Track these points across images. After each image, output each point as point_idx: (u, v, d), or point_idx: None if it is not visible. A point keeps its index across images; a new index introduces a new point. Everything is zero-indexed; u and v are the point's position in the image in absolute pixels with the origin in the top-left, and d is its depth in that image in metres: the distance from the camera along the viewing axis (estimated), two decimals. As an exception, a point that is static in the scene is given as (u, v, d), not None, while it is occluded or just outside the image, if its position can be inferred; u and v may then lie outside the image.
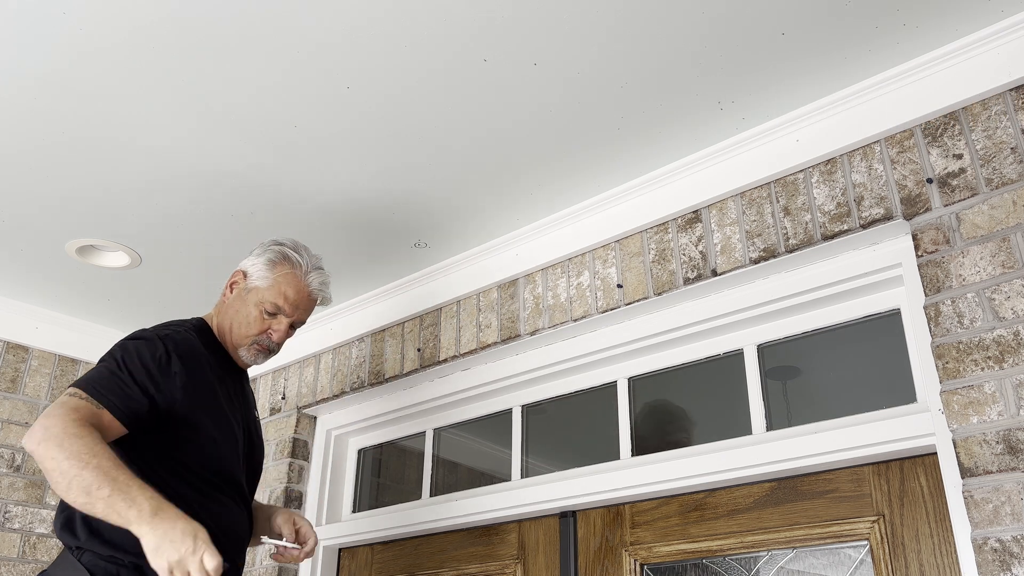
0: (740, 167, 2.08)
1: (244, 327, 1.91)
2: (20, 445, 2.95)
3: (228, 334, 1.93)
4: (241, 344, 1.93)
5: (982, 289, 1.65)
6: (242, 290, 1.93)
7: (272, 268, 1.93)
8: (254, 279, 1.93)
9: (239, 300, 1.93)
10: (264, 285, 1.92)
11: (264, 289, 1.92)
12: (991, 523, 1.51)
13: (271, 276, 1.93)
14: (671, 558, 2.11)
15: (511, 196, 2.32)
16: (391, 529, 2.69)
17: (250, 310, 1.91)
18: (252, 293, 1.92)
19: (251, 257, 1.97)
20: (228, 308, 1.93)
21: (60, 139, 2.10)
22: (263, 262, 1.94)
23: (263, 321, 1.92)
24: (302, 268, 1.96)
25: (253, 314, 1.91)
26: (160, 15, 1.70)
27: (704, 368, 2.24)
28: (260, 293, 1.92)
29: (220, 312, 1.95)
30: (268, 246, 1.98)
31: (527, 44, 1.77)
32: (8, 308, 2.99)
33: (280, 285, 1.92)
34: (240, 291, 1.93)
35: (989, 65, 1.74)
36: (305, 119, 2.01)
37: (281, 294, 1.92)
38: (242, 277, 1.94)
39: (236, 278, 1.95)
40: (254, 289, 1.92)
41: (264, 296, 1.91)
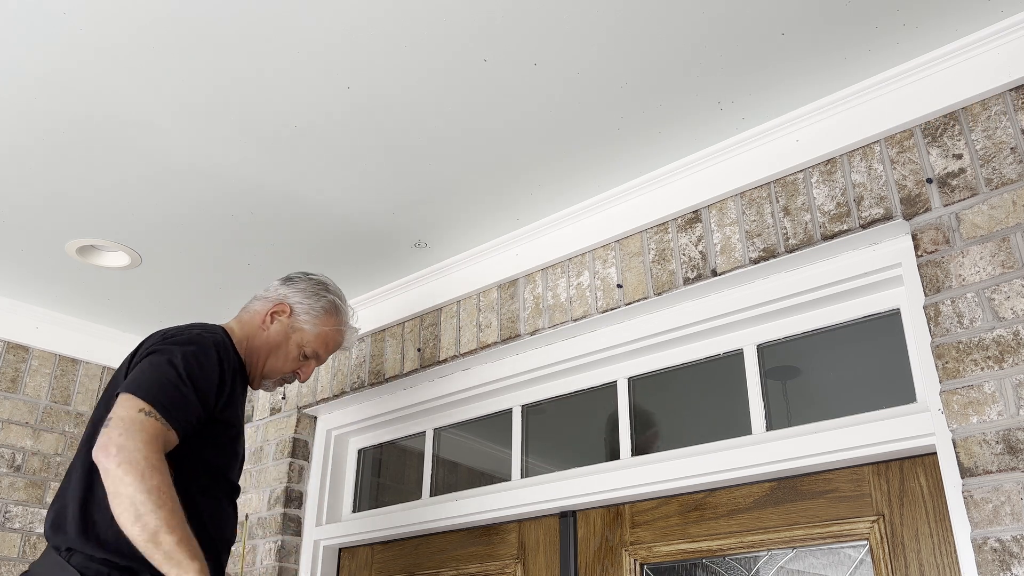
0: (740, 167, 2.08)
1: (280, 363, 1.95)
2: (21, 445, 2.95)
3: (259, 361, 1.94)
4: (270, 376, 1.96)
5: (982, 289, 1.65)
6: (287, 326, 1.95)
7: (324, 318, 1.98)
8: (302, 320, 1.96)
9: (281, 335, 1.94)
10: (311, 331, 1.96)
11: (310, 334, 1.96)
12: (991, 523, 1.51)
13: (321, 326, 1.98)
14: (671, 558, 2.11)
15: (511, 196, 2.32)
16: (391, 529, 2.69)
17: (291, 349, 1.95)
18: (297, 334, 1.95)
19: (296, 292, 1.98)
20: (267, 338, 1.94)
21: (60, 139, 2.10)
22: (316, 308, 1.97)
23: (298, 362, 1.98)
24: (347, 324, 2.04)
25: (293, 354, 1.95)
26: (160, 15, 1.70)
27: (704, 368, 2.24)
28: (305, 336, 1.96)
29: (253, 336, 1.94)
30: (318, 290, 2.00)
31: (527, 44, 1.77)
32: (8, 308, 2.99)
33: (328, 337, 1.99)
34: (284, 326, 1.94)
35: (989, 65, 1.74)
36: (305, 119, 2.01)
37: (325, 345, 1.99)
38: (287, 312, 1.95)
39: (280, 309, 1.96)
40: (300, 331, 1.95)
41: (309, 341, 1.96)
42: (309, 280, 2.02)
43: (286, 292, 1.98)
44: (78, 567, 1.58)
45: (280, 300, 1.97)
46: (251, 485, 3.07)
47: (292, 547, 2.88)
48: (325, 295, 2.00)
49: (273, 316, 1.95)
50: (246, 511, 3.03)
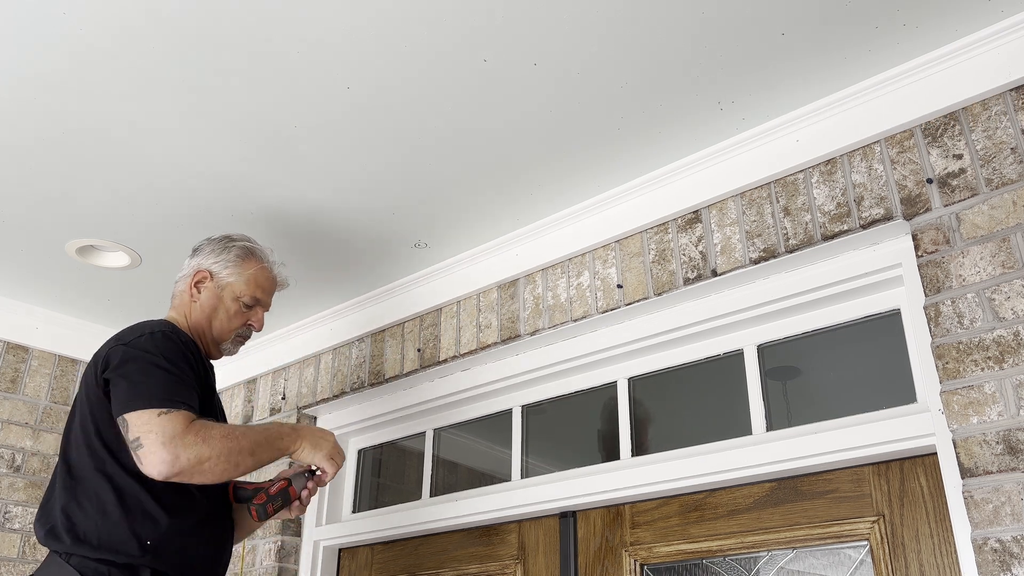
0: (740, 167, 2.08)
1: (225, 322, 1.99)
2: (21, 446, 2.95)
3: (207, 331, 1.98)
4: (223, 339, 2.01)
5: (982, 289, 1.65)
6: (213, 288, 1.99)
7: (242, 264, 2.02)
8: (224, 276, 2.00)
9: (213, 298, 1.98)
10: (238, 280, 2.00)
11: (239, 283, 2.00)
12: (991, 523, 1.51)
13: (243, 271, 2.01)
14: (671, 558, 2.11)
15: (511, 196, 2.32)
16: (391, 529, 2.69)
17: (228, 305, 1.99)
18: (226, 289, 1.99)
19: (208, 256, 2.02)
20: (202, 307, 1.98)
21: (60, 139, 2.10)
22: (231, 259, 2.01)
23: (243, 314, 2.01)
24: (268, 260, 2.08)
25: (233, 308, 1.99)
26: (160, 15, 1.70)
27: (704, 368, 2.24)
28: (235, 288, 2.00)
29: (189, 313, 1.98)
30: (224, 244, 2.04)
31: (527, 44, 1.77)
32: (8, 308, 2.99)
33: (256, 278, 2.03)
34: (210, 290, 1.99)
35: (989, 65, 1.74)
36: (305, 119, 2.01)
37: (259, 287, 2.03)
38: (208, 276, 1.99)
39: (200, 277, 1.99)
40: (228, 285, 1.99)
41: (241, 290, 2.00)
42: (212, 241, 2.06)
43: (198, 261, 2.02)
44: (78, 567, 1.61)
45: (196, 269, 2.01)
46: (251, 485, 3.07)
47: (292, 547, 2.88)
48: (232, 244, 2.04)
49: (197, 287, 1.99)
50: (246, 511, 3.03)
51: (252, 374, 3.27)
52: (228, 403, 3.36)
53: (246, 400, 3.28)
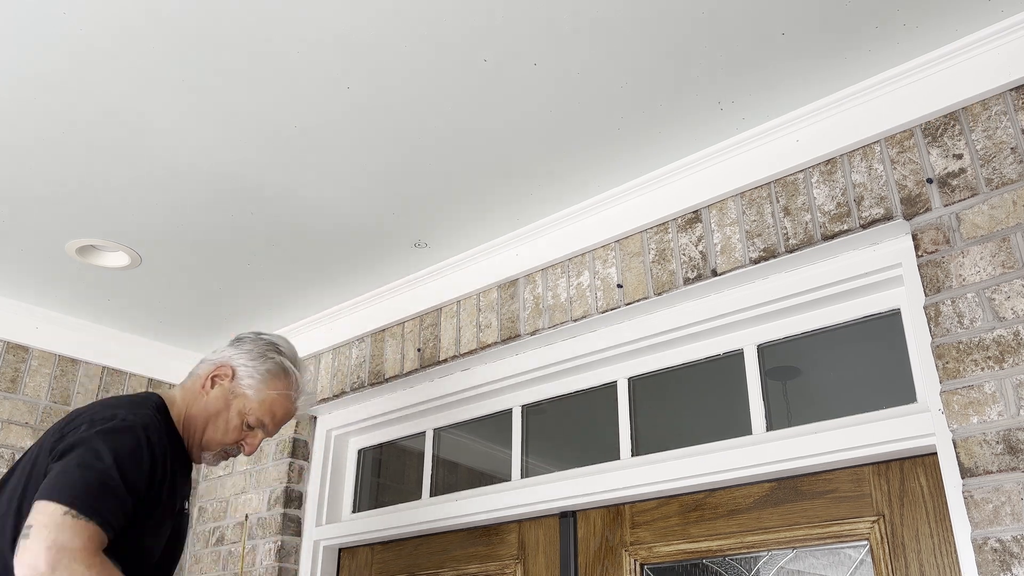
0: (740, 167, 2.08)
1: (220, 433, 1.77)
2: (21, 445, 2.95)
3: (197, 432, 1.76)
4: (210, 448, 1.78)
5: (982, 289, 1.65)
6: (227, 391, 1.77)
7: (268, 382, 1.79)
8: (244, 385, 1.77)
9: (221, 401, 1.76)
10: (255, 397, 1.77)
11: (253, 401, 1.77)
12: (991, 523, 1.51)
13: (265, 391, 1.78)
14: (671, 558, 2.11)
15: (511, 196, 2.32)
16: (391, 529, 2.69)
17: (231, 417, 1.76)
18: (238, 400, 1.77)
19: (241, 353, 1.81)
20: (206, 405, 1.76)
21: (60, 139, 2.10)
22: (261, 370, 1.79)
23: (240, 432, 1.78)
24: (297, 389, 1.84)
25: (234, 423, 1.77)
26: (160, 15, 1.70)
27: (704, 368, 2.24)
28: (246, 403, 1.77)
29: (192, 403, 1.76)
30: (265, 351, 1.82)
31: (527, 44, 1.77)
32: (8, 308, 2.99)
33: (273, 403, 1.79)
34: (224, 391, 1.77)
35: (989, 65, 1.74)
36: (305, 119, 2.01)
37: (270, 413, 1.79)
38: (229, 375, 1.77)
39: (221, 372, 1.78)
40: (241, 396, 1.77)
41: (251, 408, 1.77)
42: (259, 340, 1.84)
43: (231, 353, 1.80)
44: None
45: (223, 362, 1.79)
46: (251, 485, 3.07)
47: (292, 547, 2.88)
48: (273, 356, 1.81)
49: (214, 380, 1.77)
50: (246, 511, 3.03)
51: (252, 374, 3.27)
52: (228, 403, 3.36)
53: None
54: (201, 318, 3.08)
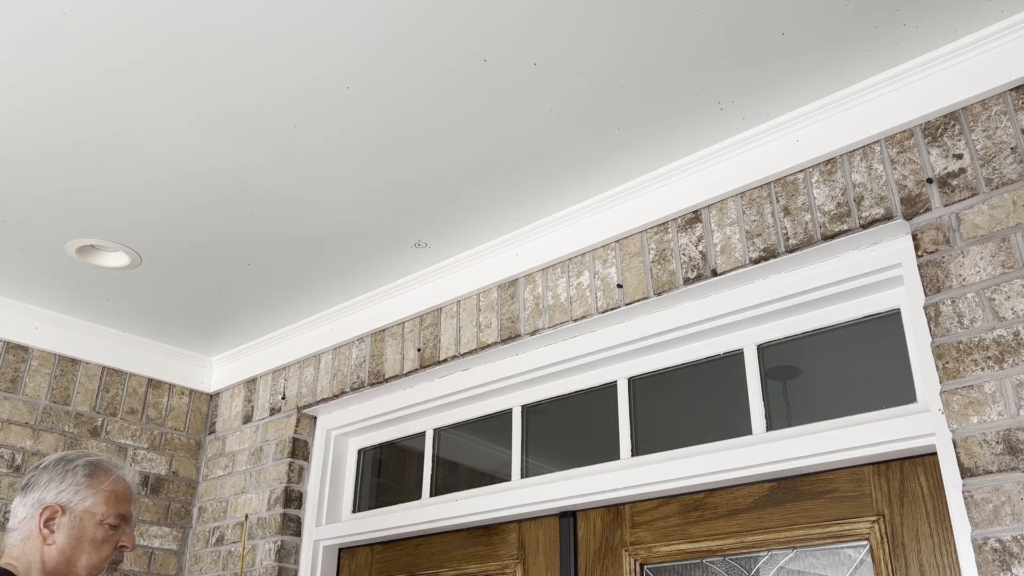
0: (740, 167, 2.08)
1: (95, 554, 1.73)
2: (21, 446, 2.95)
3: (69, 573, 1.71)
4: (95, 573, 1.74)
5: (982, 289, 1.65)
6: (69, 521, 1.72)
7: (93, 482, 1.77)
8: (78, 502, 1.74)
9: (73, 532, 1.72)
10: (96, 501, 1.75)
11: (99, 505, 1.75)
12: (991, 523, 1.51)
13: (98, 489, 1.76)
14: (671, 558, 2.11)
15: (511, 196, 2.32)
16: (391, 529, 2.69)
17: (94, 534, 1.73)
18: (85, 517, 1.73)
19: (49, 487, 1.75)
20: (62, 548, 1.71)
21: (60, 139, 2.10)
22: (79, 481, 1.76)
23: (111, 538, 1.76)
24: (116, 467, 1.83)
25: (99, 535, 1.74)
26: (160, 15, 1.70)
27: (704, 368, 2.24)
28: (96, 511, 1.74)
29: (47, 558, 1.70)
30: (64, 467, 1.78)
31: (527, 44, 1.77)
32: (8, 308, 2.99)
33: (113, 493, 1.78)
34: (67, 524, 1.72)
35: (989, 65, 1.74)
36: (305, 119, 2.01)
37: (118, 500, 1.78)
38: (59, 511, 1.72)
39: (50, 515, 1.71)
40: (86, 512, 1.74)
41: (104, 512, 1.75)
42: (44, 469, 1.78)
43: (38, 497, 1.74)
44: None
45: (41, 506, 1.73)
46: (251, 485, 3.07)
47: (292, 547, 2.88)
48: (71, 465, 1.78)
49: (48, 525, 1.71)
50: (246, 511, 3.03)
51: (252, 374, 3.27)
52: (228, 403, 3.36)
53: (246, 400, 3.28)
54: (201, 318, 3.08)
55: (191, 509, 3.29)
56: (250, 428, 3.19)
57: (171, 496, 3.25)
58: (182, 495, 3.28)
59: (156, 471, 3.24)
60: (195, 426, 3.40)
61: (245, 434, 3.21)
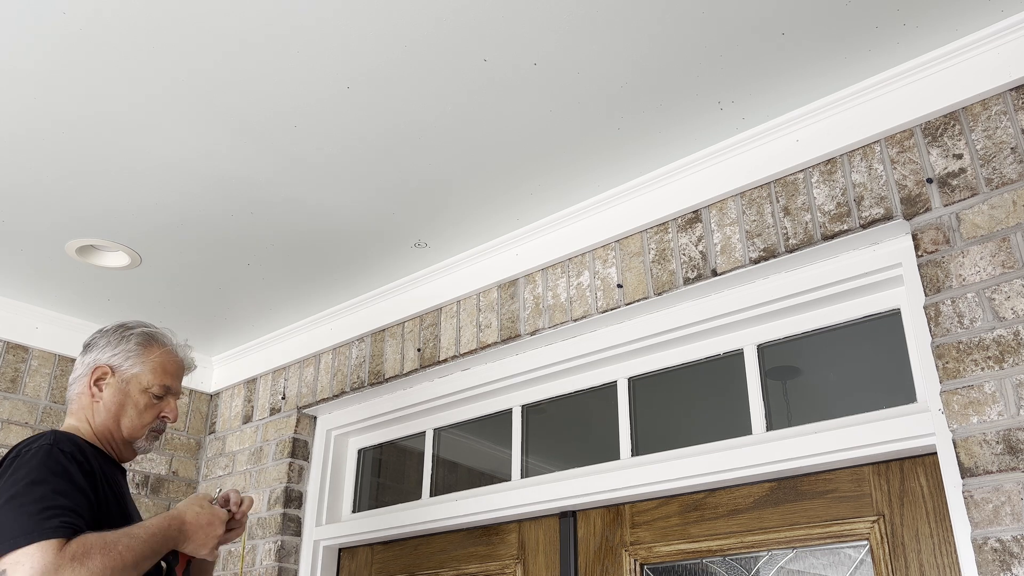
0: (740, 167, 2.08)
1: (136, 419, 1.80)
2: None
3: (115, 432, 1.79)
4: (136, 436, 1.81)
5: (982, 289, 1.65)
6: (117, 382, 1.80)
7: (145, 351, 1.84)
8: (127, 367, 1.81)
9: (118, 395, 1.79)
10: (144, 368, 1.82)
11: (146, 373, 1.82)
12: (991, 523, 1.51)
13: (148, 358, 1.83)
14: (671, 558, 2.11)
15: (511, 196, 2.32)
16: (391, 529, 2.69)
17: (137, 399, 1.80)
18: (132, 381, 1.81)
19: (104, 350, 1.83)
20: (107, 407, 1.78)
21: (60, 139, 2.10)
22: (132, 348, 1.83)
23: (154, 406, 1.83)
24: (172, 342, 1.90)
25: (142, 402, 1.81)
26: (160, 15, 1.70)
27: (704, 368, 2.24)
28: (142, 379, 1.81)
29: (92, 416, 1.78)
30: (121, 333, 1.85)
31: (527, 44, 1.77)
32: (8, 308, 2.99)
33: (162, 364, 1.84)
34: (114, 385, 1.80)
35: (989, 65, 1.74)
36: (305, 119, 2.01)
37: (167, 373, 1.85)
38: (109, 372, 1.80)
39: (100, 374, 1.80)
40: (133, 377, 1.81)
41: (149, 381, 1.82)
42: (105, 333, 1.86)
43: (94, 357, 1.82)
44: None
45: (93, 366, 1.81)
46: (251, 485, 3.07)
47: (292, 547, 2.88)
48: (130, 333, 1.85)
49: (98, 384, 1.79)
50: (246, 511, 3.03)
51: (252, 374, 3.27)
52: (228, 403, 3.36)
53: (246, 400, 3.28)
54: (201, 318, 3.08)
55: (191, 509, 3.29)
56: (250, 428, 3.19)
57: (171, 496, 3.25)
58: (182, 495, 3.28)
59: (156, 471, 3.24)
60: (195, 426, 3.40)
61: (245, 434, 3.21)
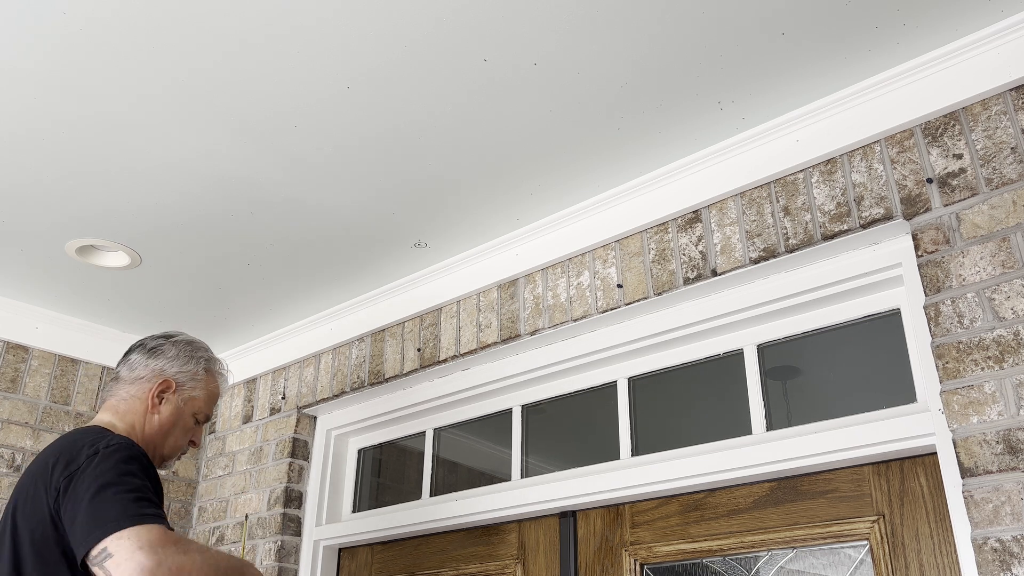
0: (740, 167, 2.08)
1: (180, 439, 1.83)
2: (21, 445, 2.95)
3: (159, 446, 1.80)
4: (173, 455, 1.84)
5: (982, 289, 1.65)
6: (177, 401, 1.81)
7: (207, 378, 1.87)
8: (189, 390, 1.83)
9: (175, 414, 1.80)
10: (201, 396, 1.85)
11: (202, 400, 1.85)
12: (991, 523, 1.51)
13: (207, 387, 1.86)
14: (671, 558, 2.11)
15: (511, 196, 2.32)
16: (391, 529, 2.69)
17: (187, 421, 1.83)
18: (189, 404, 1.83)
19: (174, 362, 1.83)
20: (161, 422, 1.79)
21: (60, 139, 2.10)
22: (200, 372, 1.85)
23: (193, 431, 1.86)
24: (224, 375, 1.93)
25: (189, 424, 1.83)
26: (160, 16, 1.70)
27: (704, 368, 2.24)
28: (196, 404, 1.84)
29: (145, 423, 1.78)
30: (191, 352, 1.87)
31: (527, 44, 1.77)
32: (8, 308, 2.99)
33: (214, 396, 1.88)
34: (174, 403, 1.80)
35: (989, 65, 1.74)
36: (305, 119, 2.01)
37: (212, 403, 1.89)
38: (171, 388, 1.80)
39: (164, 387, 1.80)
40: (191, 400, 1.83)
41: (200, 408, 1.85)
42: (175, 344, 1.87)
43: (161, 366, 1.82)
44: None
45: (160, 376, 1.81)
46: (251, 485, 3.07)
47: (292, 547, 2.88)
48: (198, 355, 1.87)
49: (161, 395, 1.79)
50: (246, 511, 3.03)
51: (252, 374, 3.27)
52: (228, 403, 3.36)
53: (246, 400, 3.28)
54: (201, 318, 3.08)
55: (191, 509, 3.29)
56: (250, 428, 3.19)
57: (171, 496, 3.25)
58: (182, 495, 3.28)
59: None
60: (195, 426, 3.39)
61: (245, 434, 3.21)
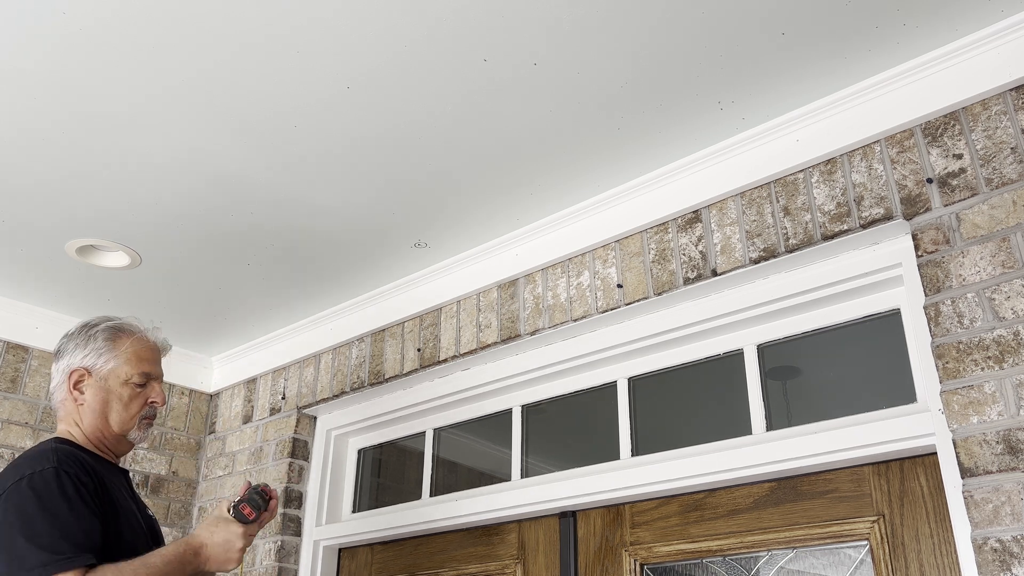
0: (740, 167, 2.08)
1: (124, 411, 1.81)
2: (21, 445, 2.95)
3: (105, 430, 1.80)
4: (128, 428, 1.82)
5: (982, 289, 1.65)
6: (96, 381, 1.80)
7: (115, 345, 1.83)
8: (101, 364, 1.81)
9: (100, 392, 1.79)
10: (119, 361, 1.81)
11: (121, 366, 1.81)
12: (991, 523, 1.51)
13: (120, 350, 1.82)
14: (671, 558, 2.11)
15: (511, 196, 2.32)
16: (391, 529, 2.69)
17: (120, 393, 1.80)
18: (110, 377, 1.81)
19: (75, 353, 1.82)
20: (91, 407, 1.79)
21: (60, 139, 2.10)
22: (101, 346, 1.82)
23: (139, 395, 1.83)
24: (140, 329, 1.89)
25: (126, 394, 1.81)
26: (160, 16, 1.70)
27: (704, 368, 2.24)
28: (120, 372, 1.81)
29: (80, 419, 1.79)
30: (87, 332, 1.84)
31: (527, 44, 1.77)
32: (8, 308, 2.99)
33: (137, 354, 1.84)
34: (94, 384, 1.80)
35: (989, 65, 1.74)
36: (305, 119, 2.01)
37: (142, 360, 1.84)
38: (85, 373, 1.80)
39: (77, 378, 1.80)
40: (110, 373, 1.81)
41: (127, 372, 1.81)
42: (72, 336, 1.86)
43: (67, 362, 1.82)
44: None
45: (68, 371, 1.81)
46: (251, 485, 3.07)
47: (292, 547, 2.88)
48: (94, 330, 1.84)
49: (78, 387, 1.80)
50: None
51: (252, 374, 3.27)
52: (228, 403, 3.36)
53: (246, 400, 3.28)
54: (201, 318, 3.08)
55: (191, 509, 3.29)
56: (250, 428, 3.19)
57: (171, 496, 3.25)
58: (182, 495, 3.28)
59: (156, 471, 3.24)
60: (195, 426, 3.40)
61: (245, 434, 3.21)
